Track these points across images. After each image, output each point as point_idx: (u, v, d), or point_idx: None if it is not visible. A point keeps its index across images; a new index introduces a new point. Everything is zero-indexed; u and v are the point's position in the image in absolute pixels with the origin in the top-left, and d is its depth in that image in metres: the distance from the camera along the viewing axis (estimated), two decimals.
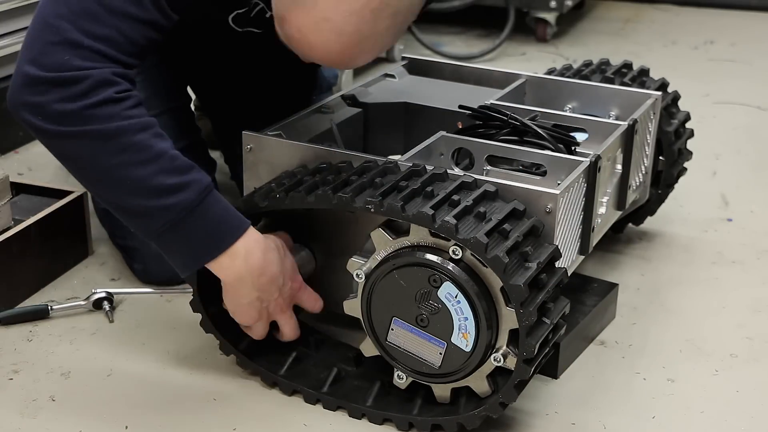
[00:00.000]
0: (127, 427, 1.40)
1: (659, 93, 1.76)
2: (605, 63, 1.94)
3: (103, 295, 1.67)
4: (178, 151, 1.34)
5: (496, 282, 1.28)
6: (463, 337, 1.31)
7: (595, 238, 1.56)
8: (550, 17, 3.42)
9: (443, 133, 1.56)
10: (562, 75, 1.88)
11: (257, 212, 1.42)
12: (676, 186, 1.95)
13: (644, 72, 1.91)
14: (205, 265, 1.36)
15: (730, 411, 1.46)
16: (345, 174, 1.39)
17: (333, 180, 1.37)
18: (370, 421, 1.41)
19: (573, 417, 1.44)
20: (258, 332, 1.45)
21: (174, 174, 1.31)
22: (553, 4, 3.38)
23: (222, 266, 1.36)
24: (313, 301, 1.47)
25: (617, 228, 1.94)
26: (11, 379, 1.50)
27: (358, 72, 2.94)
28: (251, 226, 1.37)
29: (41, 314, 1.65)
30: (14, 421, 1.40)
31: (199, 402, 1.45)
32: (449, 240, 1.28)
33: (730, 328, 1.68)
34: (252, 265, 1.35)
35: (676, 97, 1.89)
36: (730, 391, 1.51)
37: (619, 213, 1.70)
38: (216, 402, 1.46)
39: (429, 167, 1.39)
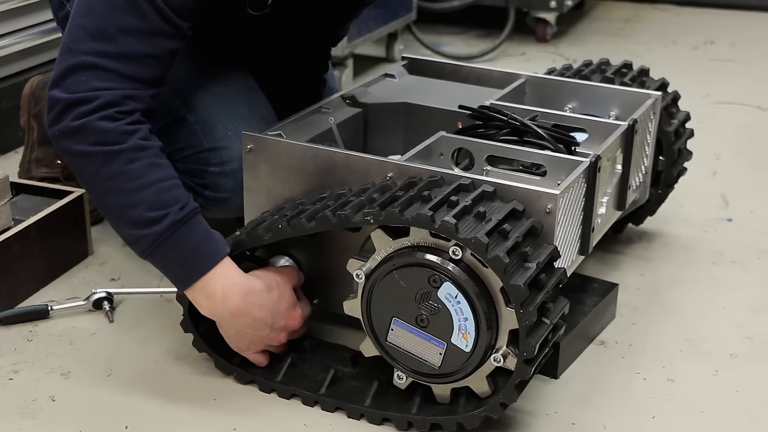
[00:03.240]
0: (127, 427, 1.40)
1: (659, 93, 1.76)
2: (605, 63, 1.94)
3: (103, 295, 1.67)
4: (174, 180, 1.38)
5: (495, 282, 1.28)
6: (463, 337, 1.31)
7: (595, 239, 1.56)
8: (550, 17, 3.42)
9: (443, 133, 1.56)
10: (562, 75, 1.88)
11: (261, 245, 1.43)
12: (676, 186, 1.95)
13: (644, 72, 1.91)
14: (189, 299, 1.41)
15: (730, 411, 1.46)
16: (344, 197, 1.40)
17: (333, 204, 1.38)
18: (369, 422, 1.41)
19: (573, 417, 1.44)
20: (256, 360, 1.47)
21: (154, 208, 1.35)
22: (553, 4, 3.38)
23: (200, 305, 1.40)
24: (299, 335, 1.50)
25: (617, 228, 1.94)
26: (11, 379, 1.50)
27: (358, 72, 2.94)
28: (226, 258, 1.39)
29: (41, 314, 1.65)
30: (14, 421, 1.41)
31: (199, 402, 1.45)
32: (449, 240, 1.28)
33: (730, 328, 1.68)
34: (229, 307, 1.39)
35: (676, 97, 1.89)
36: (730, 391, 1.51)
37: (619, 213, 1.70)
38: (216, 402, 1.46)
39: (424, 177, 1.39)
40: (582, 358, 1.58)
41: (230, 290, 1.38)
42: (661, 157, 1.87)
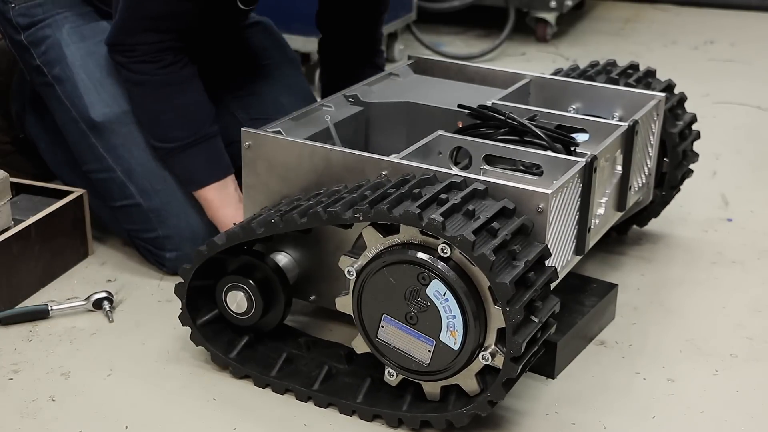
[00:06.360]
0: (127, 427, 1.40)
1: (663, 94, 1.75)
2: (611, 64, 1.93)
3: (103, 295, 1.67)
4: (195, 105, 1.71)
5: (484, 280, 1.28)
6: (452, 335, 1.31)
7: (593, 239, 1.56)
8: (550, 17, 3.42)
9: (441, 132, 1.56)
10: (567, 75, 1.87)
11: (256, 238, 1.43)
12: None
13: (650, 73, 1.90)
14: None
15: (730, 411, 1.46)
16: (337, 193, 1.40)
17: (326, 200, 1.39)
18: (361, 418, 1.41)
19: (573, 417, 1.44)
20: None
21: (177, 128, 1.72)
22: (553, 4, 3.38)
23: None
24: None
25: (621, 230, 1.93)
26: (11, 379, 1.50)
27: None
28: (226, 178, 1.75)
29: (41, 314, 1.65)
30: (14, 421, 1.41)
31: (199, 402, 1.46)
32: (438, 238, 1.29)
33: (730, 328, 1.69)
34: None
35: (682, 98, 1.87)
36: (730, 391, 1.51)
37: (620, 214, 1.69)
38: (216, 402, 1.46)
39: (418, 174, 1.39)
40: (581, 358, 1.58)
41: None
42: (665, 159, 1.86)
